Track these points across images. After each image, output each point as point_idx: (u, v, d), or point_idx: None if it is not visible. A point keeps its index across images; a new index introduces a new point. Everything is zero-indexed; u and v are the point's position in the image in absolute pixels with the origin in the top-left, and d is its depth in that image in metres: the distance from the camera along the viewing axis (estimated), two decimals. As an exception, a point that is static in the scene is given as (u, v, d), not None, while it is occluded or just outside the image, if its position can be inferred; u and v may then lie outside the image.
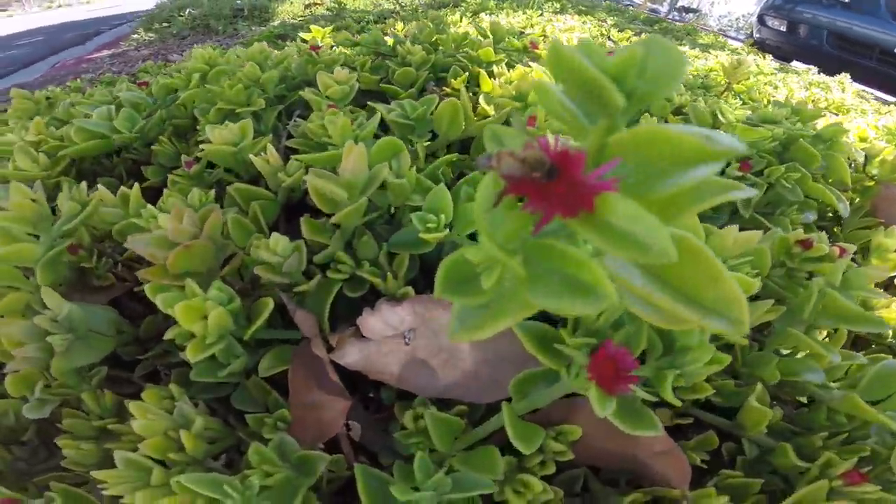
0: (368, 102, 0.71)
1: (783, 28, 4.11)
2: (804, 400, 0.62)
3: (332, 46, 1.14)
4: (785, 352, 0.62)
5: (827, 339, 0.60)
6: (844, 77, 2.06)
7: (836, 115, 1.57)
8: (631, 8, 4.24)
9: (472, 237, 0.52)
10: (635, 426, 0.35)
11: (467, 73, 0.90)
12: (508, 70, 0.88)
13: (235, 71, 0.82)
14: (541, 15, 2.18)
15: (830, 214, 0.92)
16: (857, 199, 0.90)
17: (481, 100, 0.81)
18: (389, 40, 1.06)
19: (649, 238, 0.17)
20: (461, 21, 1.70)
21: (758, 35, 4.39)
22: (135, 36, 3.85)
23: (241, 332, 0.46)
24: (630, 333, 0.36)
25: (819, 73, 2.42)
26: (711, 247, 0.41)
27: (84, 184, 0.59)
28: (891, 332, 0.74)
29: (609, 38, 1.74)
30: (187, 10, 3.92)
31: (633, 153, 0.20)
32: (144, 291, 0.49)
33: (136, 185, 0.58)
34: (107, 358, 0.54)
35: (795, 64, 3.60)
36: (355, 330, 0.48)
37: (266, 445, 0.42)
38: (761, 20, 4.34)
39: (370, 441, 0.51)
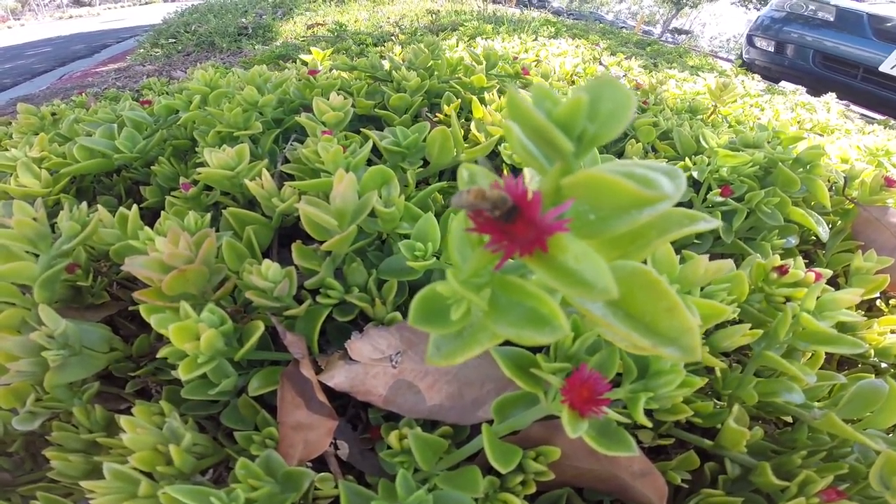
0: (362, 129, 0.73)
1: (771, 49, 4.17)
2: (790, 419, 0.63)
3: (330, 69, 1.17)
4: (769, 373, 0.63)
5: (810, 360, 0.62)
6: (830, 97, 2.09)
7: (821, 135, 1.61)
8: (625, 30, 4.34)
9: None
10: (610, 447, 0.36)
11: (460, 100, 0.93)
12: (499, 97, 0.90)
13: (235, 94, 0.84)
14: (535, 39, 2.23)
15: (813, 238, 0.93)
16: (838, 222, 0.91)
17: (473, 126, 0.83)
18: (387, 64, 1.09)
19: (594, 277, 0.18)
20: (457, 45, 1.74)
21: (747, 56, 4.45)
22: (140, 51, 3.92)
23: (232, 353, 0.47)
24: (604, 358, 0.37)
25: (806, 92, 2.48)
26: (683, 275, 0.42)
27: (84, 204, 0.60)
28: (873, 352, 0.76)
29: (601, 62, 1.79)
30: (193, 27, 4.01)
31: (585, 195, 0.21)
32: (138, 310, 0.50)
33: (135, 207, 0.59)
34: (98, 374, 0.55)
35: (783, 84, 3.67)
36: (344, 353, 0.49)
37: (254, 462, 0.43)
38: (750, 41, 4.40)
39: (357, 460, 0.52)
